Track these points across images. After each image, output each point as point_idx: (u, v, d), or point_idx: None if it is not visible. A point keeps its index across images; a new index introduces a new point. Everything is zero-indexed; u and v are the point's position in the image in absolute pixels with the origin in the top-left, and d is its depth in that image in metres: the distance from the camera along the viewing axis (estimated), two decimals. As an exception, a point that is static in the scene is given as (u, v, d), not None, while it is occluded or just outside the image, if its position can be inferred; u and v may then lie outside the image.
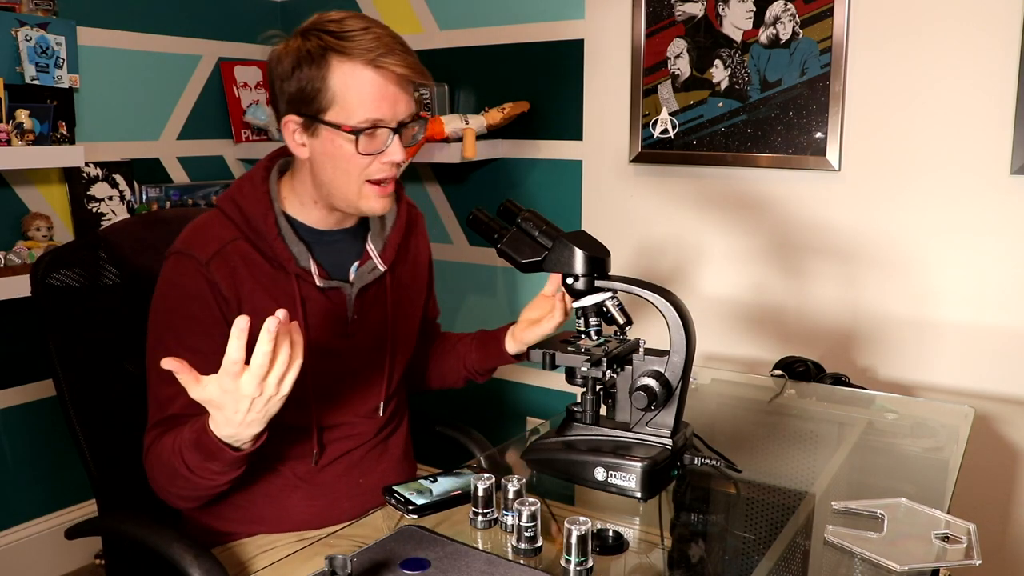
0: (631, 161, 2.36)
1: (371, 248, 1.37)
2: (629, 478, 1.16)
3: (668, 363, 1.18)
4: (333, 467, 1.37)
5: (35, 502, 2.48)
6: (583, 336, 1.26)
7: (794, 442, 1.52)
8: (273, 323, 0.95)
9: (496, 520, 1.10)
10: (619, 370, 1.22)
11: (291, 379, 1.01)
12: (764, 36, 2.11)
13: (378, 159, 1.23)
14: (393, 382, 1.43)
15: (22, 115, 2.15)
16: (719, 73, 2.18)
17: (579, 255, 1.20)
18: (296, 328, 1.00)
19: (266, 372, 0.98)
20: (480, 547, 1.05)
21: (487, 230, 1.29)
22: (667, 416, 1.20)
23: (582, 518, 0.97)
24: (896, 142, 2.01)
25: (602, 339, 1.26)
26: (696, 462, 1.23)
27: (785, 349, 2.18)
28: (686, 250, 2.33)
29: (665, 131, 2.28)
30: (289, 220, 1.31)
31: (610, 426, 1.24)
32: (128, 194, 2.57)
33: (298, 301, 1.28)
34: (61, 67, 2.32)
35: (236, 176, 1.36)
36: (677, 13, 2.22)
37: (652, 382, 1.17)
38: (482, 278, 2.74)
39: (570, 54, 2.44)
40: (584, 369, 1.20)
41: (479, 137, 2.45)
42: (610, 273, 1.23)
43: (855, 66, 2.03)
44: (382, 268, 1.37)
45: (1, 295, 2.10)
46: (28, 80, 2.25)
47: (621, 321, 1.24)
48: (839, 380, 1.81)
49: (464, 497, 1.15)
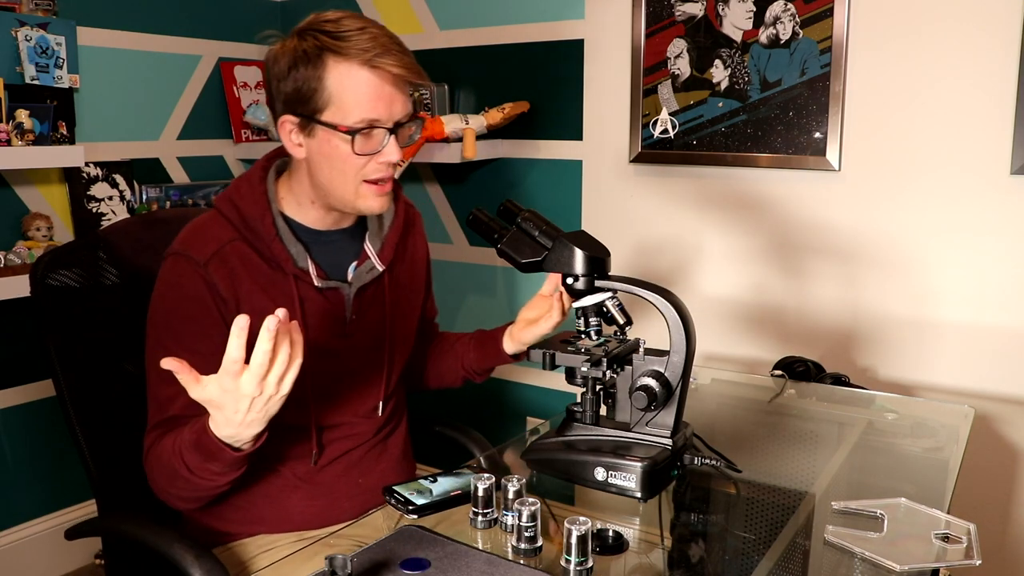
0: (631, 161, 2.36)
1: (369, 248, 1.37)
2: (629, 478, 1.16)
3: (668, 363, 1.18)
4: (333, 467, 1.37)
5: (35, 502, 2.48)
6: (583, 336, 1.26)
7: (794, 442, 1.52)
8: (273, 322, 0.95)
9: (496, 520, 1.10)
10: (619, 370, 1.22)
11: (291, 378, 1.01)
12: (764, 36, 2.11)
13: (374, 159, 1.23)
14: (392, 382, 1.43)
15: (22, 115, 2.15)
16: (719, 73, 2.18)
17: (579, 255, 1.20)
18: (296, 327, 1.00)
19: (266, 371, 0.98)
20: (480, 547, 1.05)
21: (487, 230, 1.29)
22: (667, 416, 1.20)
23: (582, 518, 0.97)
24: (896, 142, 2.01)
25: (602, 339, 1.26)
26: (696, 462, 1.23)
27: (785, 349, 2.18)
28: (686, 250, 2.33)
29: (665, 131, 2.28)
30: (287, 220, 1.30)
31: (610, 426, 1.24)
32: (128, 194, 2.57)
33: (296, 301, 1.28)
34: (61, 67, 2.32)
35: (236, 176, 1.36)
36: (677, 13, 2.22)
37: (652, 382, 1.17)
38: (482, 278, 2.74)
39: (570, 54, 2.44)
40: (584, 369, 1.20)
41: (479, 137, 2.45)
42: (610, 273, 1.23)
43: (855, 66, 2.03)
44: (380, 268, 1.37)
45: (1, 295, 2.10)
46: (28, 80, 2.25)
47: (621, 321, 1.24)
48: (839, 380, 1.81)
49: (464, 497, 1.15)
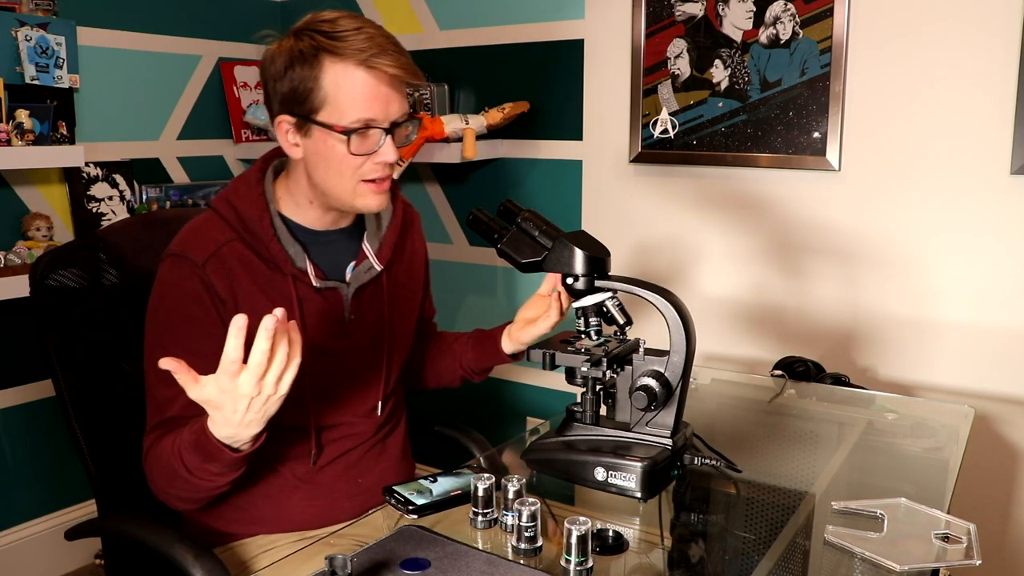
0: (631, 161, 2.36)
1: (367, 248, 1.37)
2: (629, 478, 1.16)
3: (668, 363, 1.18)
4: (332, 467, 1.37)
5: (35, 502, 2.48)
6: (583, 336, 1.26)
7: (794, 442, 1.52)
8: (271, 321, 0.95)
9: (496, 520, 1.10)
10: (619, 370, 1.22)
11: (289, 378, 1.01)
12: (764, 36, 2.11)
13: (371, 159, 1.23)
14: (390, 381, 1.43)
15: (22, 115, 2.15)
16: (719, 73, 2.18)
17: (579, 255, 1.20)
18: (294, 327, 1.00)
19: (264, 371, 0.98)
20: (480, 547, 1.05)
21: (487, 230, 1.29)
22: (667, 416, 1.20)
23: (582, 518, 0.97)
24: (896, 142, 2.01)
25: (602, 339, 1.26)
26: (696, 462, 1.23)
27: (785, 349, 2.18)
28: (686, 250, 2.33)
29: (665, 131, 2.28)
30: (285, 221, 1.30)
31: (610, 426, 1.24)
32: (128, 194, 2.57)
33: (295, 302, 1.28)
34: (61, 67, 2.32)
35: (236, 176, 1.36)
36: (677, 13, 2.22)
37: (652, 382, 1.17)
38: (482, 278, 2.74)
39: (570, 54, 2.44)
40: (584, 369, 1.20)
41: (479, 137, 2.45)
42: (610, 273, 1.23)
43: (855, 66, 2.03)
44: (378, 268, 1.37)
45: (1, 295, 2.10)
46: (28, 80, 2.25)
47: (621, 321, 1.24)
48: (839, 380, 1.81)
49: (464, 497, 1.14)
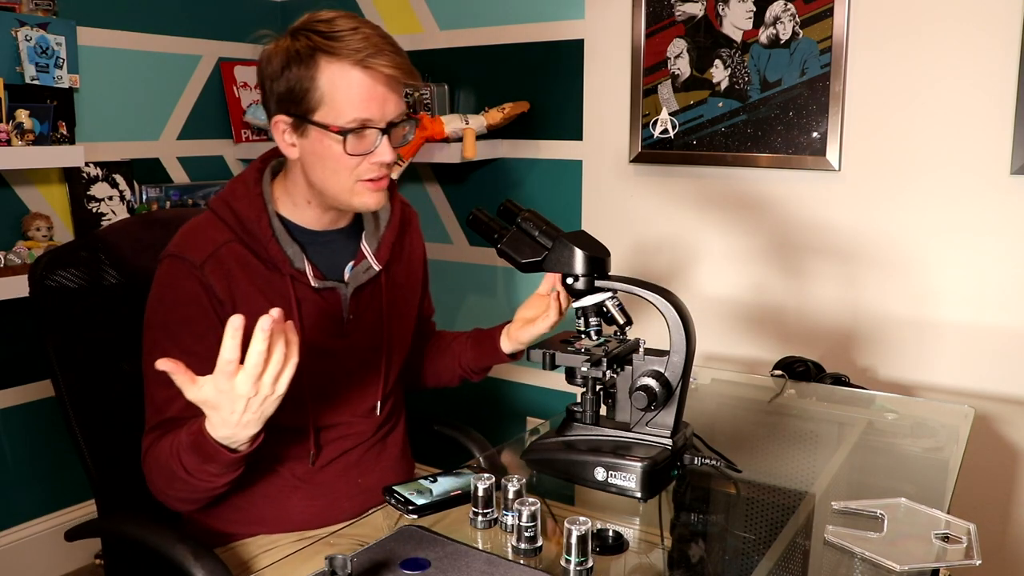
0: (631, 161, 2.36)
1: (365, 248, 1.37)
2: (629, 478, 1.16)
3: (668, 363, 1.18)
4: (332, 467, 1.37)
5: (35, 502, 2.48)
6: (583, 336, 1.26)
7: (794, 442, 1.52)
8: (267, 322, 0.95)
9: (496, 520, 1.10)
10: (619, 370, 1.22)
11: (286, 378, 1.01)
12: (764, 36, 2.11)
13: (367, 159, 1.22)
14: (389, 381, 1.42)
15: (22, 115, 2.15)
16: (719, 73, 2.18)
17: (579, 255, 1.20)
18: (291, 327, 1.00)
19: (261, 371, 0.98)
20: (480, 547, 1.05)
21: (487, 230, 1.29)
22: (667, 416, 1.20)
23: (582, 518, 0.97)
24: (896, 142, 2.01)
25: (602, 339, 1.26)
26: (696, 462, 1.23)
27: (785, 349, 2.18)
28: (686, 250, 2.33)
29: (665, 131, 2.28)
30: (283, 221, 1.30)
31: (610, 426, 1.24)
32: (128, 194, 2.57)
33: (293, 302, 1.27)
34: (61, 67, 2.32)
35: (234, 176, 1.36)
36: (677, 13, 2.22)
37: (652, 382, 1.17)
38: (482, 278, 2.74)
39: (570, 54, 2.44)
40: (584, 369, 1.20)
41: (479, 137, 2.45)
42: (610, 273, 1.23)
43: (855, 66, 2.03)
44: (377, 268, 1.37)
45: (1, 295, 2.10)
46: (28, 80, 2.25)
47: (621, 321, 1.24)
48: (839, 380, 1.81)
49: (464, 497, 1.14)
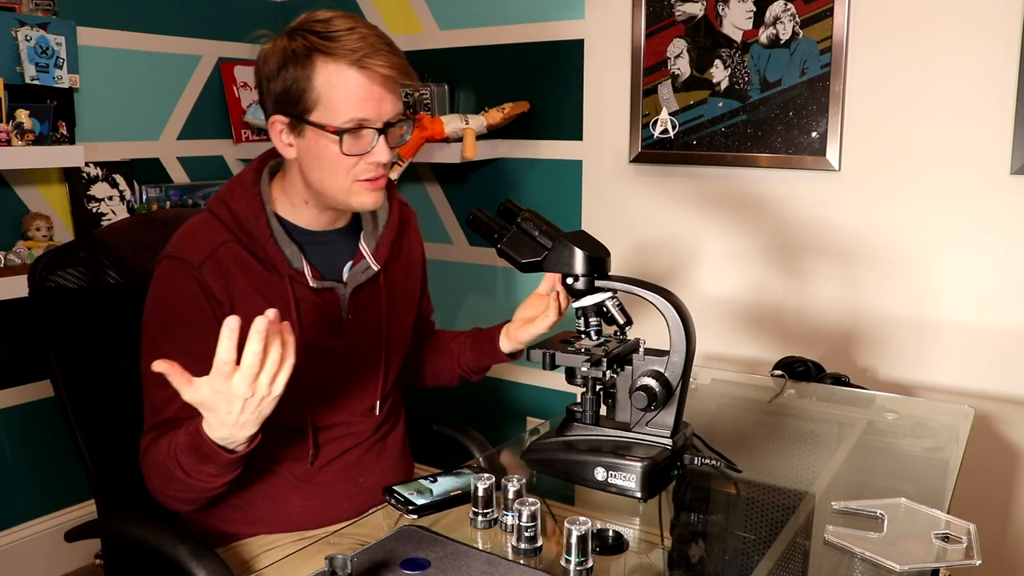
0: (631, 161, 2.36)
1: (364, 248, 1.37)
2: (629, 478, 1.16)
3: (668, 363, 1.18)
4: (331, 467, 1.37)
5: (35, 502, 2.48)
6: (583, 336, 1.26)
7: (794, 442, 1.52)
8: (262, 323, 0.95)
9: (496, 520, 1.10)
10: (619, 370, 1.22)
11: (283, 379, 1.01)
12: (764, 36, 2.11)
13: (364, 159, 1.22)
14: (389, 381, 1.42)
15: (22, 115, 2.15)
16: (719, 73, 2.18)
17: (579, 255, 1.20)
18: (287, 327, 1.00)
19: (257, 372, 0.98)
20: (480, 547, 1.05)
21: (487, 230, 1.29)
22: (667, 416, 1.20)
23: (582, 518, 0.97)
24: (896, 142, 2.01)
25: (602, 339, 1.26)
26: (696, 462, 1.23)
27: (785, 349, 2.18)
28: (686, 250, 2.33)
29: (665, 131, 2.28)
30: (281, 221, 1.30)
31: (610, 426, 1.24)
32: (128, 194, 2.57)
33: (292, 302, 1.27)
34: (61, 67, 2.32)
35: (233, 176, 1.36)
36: (677, 13, 2.22)
37: (652, 382, 1.17)
38: (482, 278, 2.74)
39: (570, 54, 2.44)
40: (584, 369, 1.20)
41: (479, 137, 2.45)
42: (610, 273, 1.23)
43: (855, 66, 2.03)
44: (375, 267, 1.37)
45: (1, 295, 2.10)
46: (28, 80, 2.25)
47: (621, 321, 1.24)
48: (839, 380, 1.81)
49: (464, 497, 1.14)
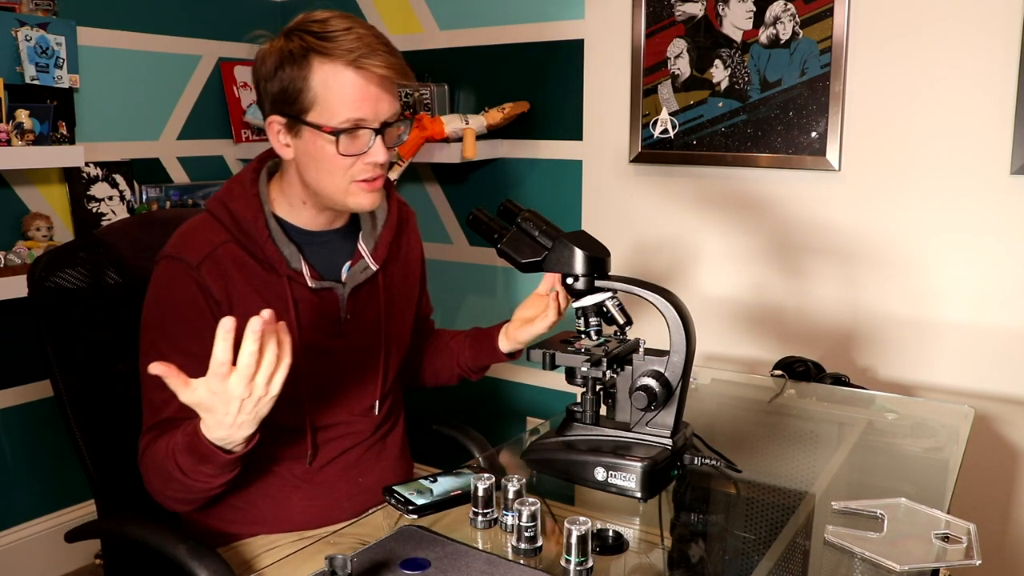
0: (631, 161, 2.36)
1: (363, 247, 1.37)
2: (629, 478, 1.16)
3: (668, 363, 1.18)
4: (331, 467, 1.37)
5: (35, 502, 2.48)
6: (583, 336, 1.26)
7: (794, 442, 1.52)
8: (257, 323, 0.95)
9: (496, 520, 1.10)
10: (619, 370, 1.22)
11: (280, 379, 1.01)
12: (764, 36, 2.11)
13: (361, 160, 1.22)
14: (388, 380, 1.42)
15: (22, 115, 2.15)
16: (719, 73, 2.18)
17: (579, 255, 1.20)
18: (283, 327, 1.00)
19: (253, 372, 0.98)
20: (480, 547, 1.05)
21: (487, 230, 1.29)
22: (667, 416, 1.20)
23: (582, 518, 0.97)
24: (896, 142, 2.01)
25: (602, 339, 1.26)
26: (696, 462, 1.23)
27: (785, 349, 2.18)
28: (686, 250, 2.33)
29: (665, 131, 2.28)
30: (279, 222, 1.30)
31: (610, 426, 1.24)
32: (128, 194, 2.57)
33: (290, 302, 1.27)
34: (61, 67, 2.32)
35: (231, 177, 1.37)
36: (677, 13, 2.22)
37: (652, 382, 1.17)
38: (482, 278, 2.74)
39: (570, 54, 2.44)
40: (584, 369, 1.20)
41: (479, 137, 2.45)
42: (610, 273, 1.23)
43: (855, 66, 2.03)
44: (374, 267, 1.37)
45: (1, 295, 2.10)
46: (28, 80, 2.25)
47: (621, 321, 1.24)
48: (839, 380, 1.81)
49: (464, 497, 1.14)
